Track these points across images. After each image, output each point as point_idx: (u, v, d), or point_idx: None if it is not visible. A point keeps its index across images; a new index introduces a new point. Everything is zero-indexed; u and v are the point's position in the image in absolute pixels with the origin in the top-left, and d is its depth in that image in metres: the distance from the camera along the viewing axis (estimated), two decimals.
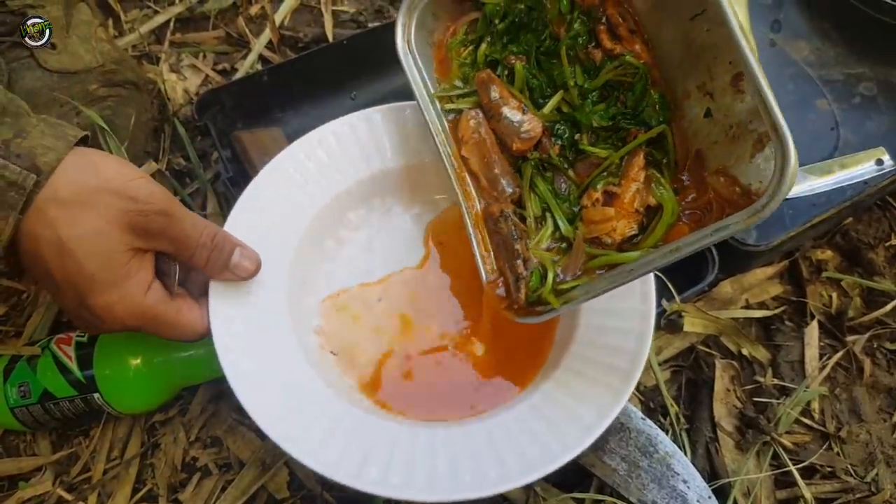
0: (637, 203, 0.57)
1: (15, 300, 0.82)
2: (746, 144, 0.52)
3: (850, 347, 0.83)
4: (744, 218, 0.48)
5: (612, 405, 0.58)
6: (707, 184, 0.55)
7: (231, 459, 0.73)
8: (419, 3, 0.68)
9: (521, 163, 0.65)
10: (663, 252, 0.53)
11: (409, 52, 0.69)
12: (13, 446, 0.74)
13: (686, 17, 0.54)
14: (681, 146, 0.58)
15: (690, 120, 0.57)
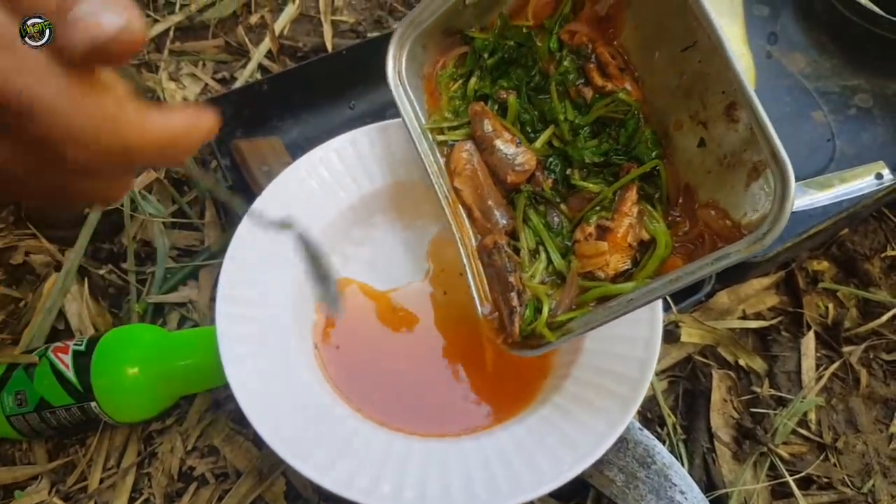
0: (630, 238, 0.57)
1: (12, 307, 0.82)
2: (741, 174, 0.52)
3: (846, 358, 0.83)
4: (745, 246, 0.48)
5: (622, 414, 0.58)
6: (697, 217, 0.56)
7: (228, 469, 0.73)
8: (410, 34, 0.68)
9: (514, 195, 0.65)
10: (664, 282, 0.53)
11: (400, 83, 0.69)
12: (9, 455, 0.74)
13: (677, 49, 0.55)
14: (672, 180, 0.58)
15: (684, 150, 0.57)
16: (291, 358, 0.65)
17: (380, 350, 0.69)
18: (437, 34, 0.68)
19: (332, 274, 0.56)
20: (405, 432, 0.63)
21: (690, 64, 0.54)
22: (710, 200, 0.55)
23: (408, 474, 0.58)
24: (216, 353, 0.61)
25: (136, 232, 0.85)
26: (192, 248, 0.86)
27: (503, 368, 0.66)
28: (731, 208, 0.53)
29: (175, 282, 0.82)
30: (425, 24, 0.66)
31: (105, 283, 0.84)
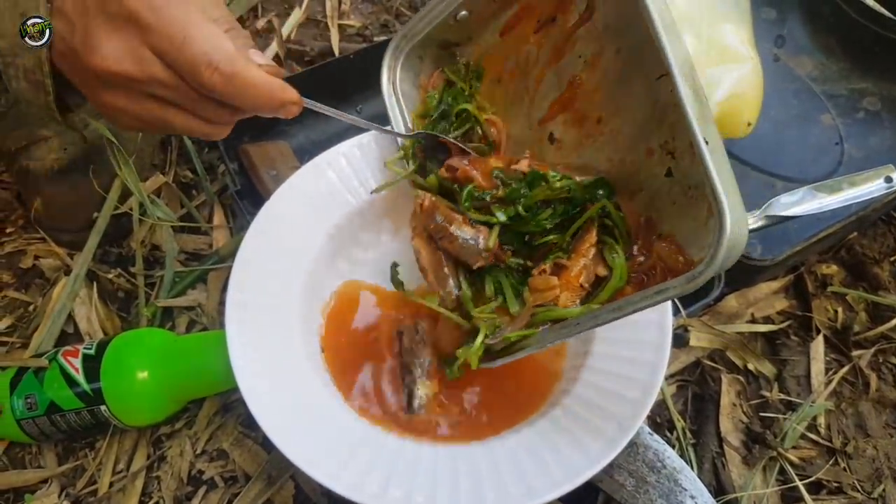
0: (583, 278, 0.58)
1: (21, 311, 0.83)
2: (703, 207, 0.52)
3: (855, 362, 0.83)
4: (682, 283, 0.48)
5: (633, 418, 0.58)
6: (654, 250, 0.56)
7: (237, 472, 0.73)
8: (404, 46, 0.68)
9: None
10: (608, 309, 0.54)
11: (394, 93, 0.70)
12: (19, 458, 0.74)
13: (653, 76, 0.55)
14: (632, 215, 0.58)
15: (653, 177, 0.56)
16: (300, 362, 0.65)
17: (388, 354, 0.69)
18: (432, 46, 0.69)
19: None
20: (414, 438, 0.63)
21: (663, 92, 0.54)
22: (669, 233, 0.55)
23: (417, 479, 0.58)
24: (225, 356, 0.61)
25: (145, 236, 0.85)
26: (201, 251, 0.86)
27: (515, 372, 0.66)
28: (689, 244, 0.53)
29: (184, 285, 0.82)
30: (419, 36, 0.68)
31: (114, 287, 0.84)
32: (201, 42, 0.46)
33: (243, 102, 0.49)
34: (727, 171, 0.47)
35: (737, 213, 0.45)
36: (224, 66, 0.46)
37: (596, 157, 0.60)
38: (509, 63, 0.67)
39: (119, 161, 0.82)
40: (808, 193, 0.78)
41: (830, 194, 0.76)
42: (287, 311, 0.66)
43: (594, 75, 0.60)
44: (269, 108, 0.50)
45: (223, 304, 0.78)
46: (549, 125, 0.64)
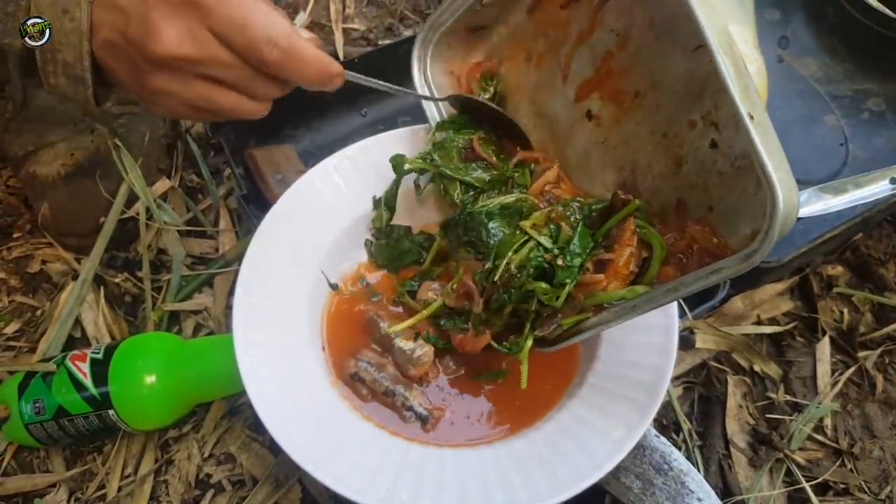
0: (632, 265, 0.58)
1: (29, 316, 0.83)
2: (751, 178, 0.52)
3: (861, 363, 0.83)
4: (737, 262, 0.48)
5: (639, 420, 0.58)
6: (687, 232, 0.56)
7: (245, 476, 0.73)
8: (432, 36, 0.69)
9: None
10: (662, 290, 0.54)
11: (426, 83, 0.70)
12: (27, 463, 0.75)
13: (689, 48, 0.55)
14: (669, 195, 0.58)
15: (696, 150, 0.56)
16: (307, 365, 0.65)
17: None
18: (460, 32, 0.69)
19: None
20: (420, 441, 0.63)
21: (702, 62, 0.54)
22: (703, 216, 0.55)
23: (425, 482, 0.58)
24: (232, 360, 0.61)
25: (152, 240, 0.86)
26: (207, 255, 0.87)
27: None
28: (738, 216, 0.53)
29: (190, 289, 0.83)
30: (446, 24, 0.68)
31: (121, 291, 0.84)
32: (260, 21, 0.48)
33: (299, 75, 0.52)
34: (774, 143, 0.46)
35: (787, 186, 0.45)
36: (283, 41, 0.49)
37: (637, 132, 0.60)
38: (539, 42, 0.66)
39: (125, 166, 0.82)
40: (814, 195, 0.78)
41: (836, 196, 0.77)
42: (294, 315, 0.67)
43: (627, 49, 0.59)
44: (319, 80, 0.53)
45: (230, 307, 0.79)
46: (585, 102, 0.64)
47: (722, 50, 0.46)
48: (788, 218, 0.45)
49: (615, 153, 0.62)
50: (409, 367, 0.65)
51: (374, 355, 0.66)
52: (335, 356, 0.68)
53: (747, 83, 0.47)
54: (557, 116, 0.67)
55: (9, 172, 0.91)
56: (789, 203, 0.44)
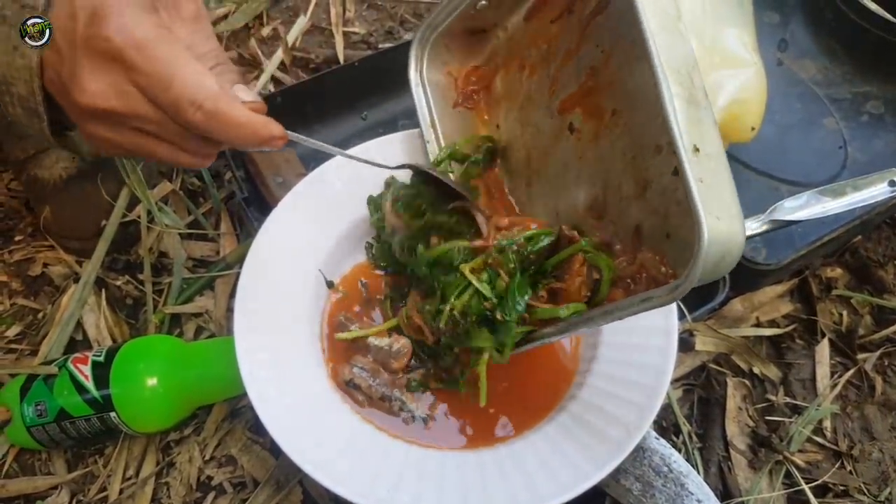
0: (584, 291, 0.58)
1: (30, 319, 0.83)
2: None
3: (860, 365, 0.83)
4: (666, 293, 0.48)
5: (639, 422, 0.59)
6: (637, 260, 0.56)
7: (245, 478, 0.73)
8: (429, 36, 0.69)
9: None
10: (599, 312, 0.54)
11: (421, 83, 0.71)
12: (29, 465, 0.75)
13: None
14: (622, 226, 0.59)
15: (661, 174, 0.56)
16: (308, 368, 0.66)
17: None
18: (459, 34, 0.69)
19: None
20: (420, 444, 0.63)
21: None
22: (659, 244, 0.55)
23: (425, 484, 0.59)
24: (233, 363, 0.62)
25: (153, 243, 0.86)
26: (208, 258, 0.87)
27: (524, 379, 0.66)
28: (680, 252, 0.53)
29: (191, 292, 0.83)
30: (442, 25, 0.68)
31: (122, 294, 0.84)
32: (185, 81, 0.47)
33: (227, 139, 0.51)
34: (718, 177, 0.46)
35: (720, 224, 0.44)
36: (207, 104, 0.48)
37: (611, 151, 0.60)
38: (532, 52, 0.67)
39: (127, 169, 0.82)
40: (813, 198, 0.78)
41: (835, 198, 0.77)
42: (295, 318, 0.67)
43: (609, 67, 0.59)
44: (252, 144, 0.52)
45: (231, 310, 0.79)
46: (568, 116, 0.64)
47: (673, 78, 0.46)
48: (717, 255, 0.44)
49: (591, 169, 0.62)
50: (391, 362, 0.66)
51: (367, 361, 0.67)
52: (332, 361, 0.68)
53: (701, 116, 0.47)
54: (542, 127, 0.67)
55: (10, 176, 0.91)
56: (718, 240, 0.44)
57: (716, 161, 0.46)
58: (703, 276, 0.45)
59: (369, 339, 0.67)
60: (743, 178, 0.91)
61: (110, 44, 0.46)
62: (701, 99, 0.47)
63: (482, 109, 0.74)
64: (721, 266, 0.46)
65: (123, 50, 0.46)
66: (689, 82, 0.47)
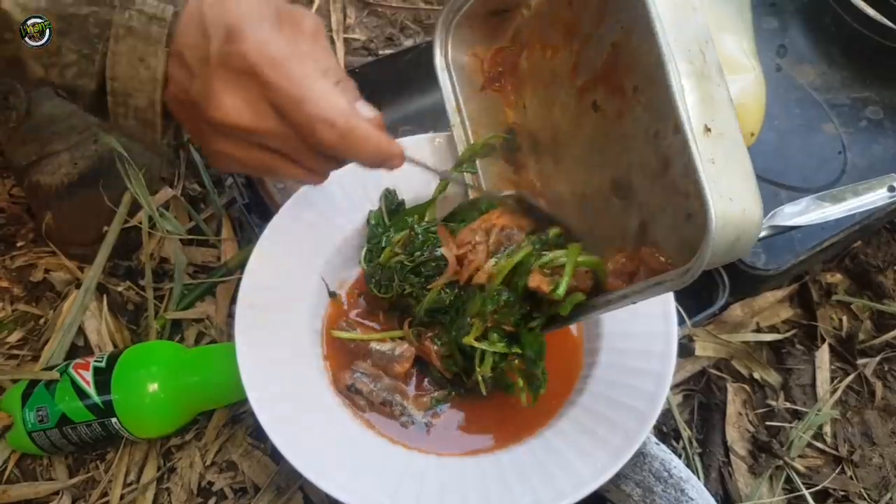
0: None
1: (32, 325, 0.83)
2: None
3: (860, 371, 0.83)
4: (677, 276, 0.48)
5: (639, 428, 0.59)
6: (639, 255, 0.56)
7: (246, 483, 0.73)
8: (451, 18, 0.69)
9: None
10: (606, 299, 0.55)
11: (446, 66, 0.70)
12: (30, 471, 0.75)
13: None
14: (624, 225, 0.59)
15: (681, 152, 0.56)
16: (309, 373, 0.66)
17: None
18: (481, 15, 0.69)
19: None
20: (421, 450, 0.63)
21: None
22: (655, 240, 0.55)
23: (426, 490, 0.59)
24: (234, 369, 0.62)
25: (154, 249, 0.86)
26: (209, 264, 0.87)
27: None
28: (695, 232, 0.53)
29: (192, 298, 0.83)
30: (465, 7, 0.68)
31: (123, 300, 0.85)
32: (318, 99, 0.48)
33: (354, 156, 0.52)
34: (729, 157, 0.45)
35: (731, 206, 0.43)
36: (340, 123, 0.48)
37: (635, 128, 0.59)
38: (555, 30, 0.66)
39: (129, 175, 0.83)
40: (812, 203, 0.78)
41: (834, 204, 0.77)
42: (295, 324, 0.67)
43: (630, 43, 0.58)
44: (376, 162, 0.53)
45: (232, 316, 0.80)
46: (592, 94, 0.63)
47: (681, 55, 0.45)
48: (730, 237, 0.44)
49: (615, 147, 0.62)
50: (393, 366, 0.66)
51: (368, 366, 0.67)
52: (333, 366, 0.68)
53: (713, 93, 0.46)
54: (567, 105, 0.66)
55: (12, 182, 0.91)
56: (731, 222, 0.43)
57: (729, 140, 0.45)
58: (716, 259, 0.45)
59: (370, 346, 0.67)
60: None
61: (246, 61, 0.47)
62: (714, 75, 0.46)
63: (508, 92, 0.73)
64: (737, 248, 0.45)
65: (259, 66, 0.47)
66: (700, 59, 0.46)
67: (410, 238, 0.69)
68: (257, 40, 0.47)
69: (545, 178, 0.71)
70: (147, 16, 0.49)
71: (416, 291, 0.66)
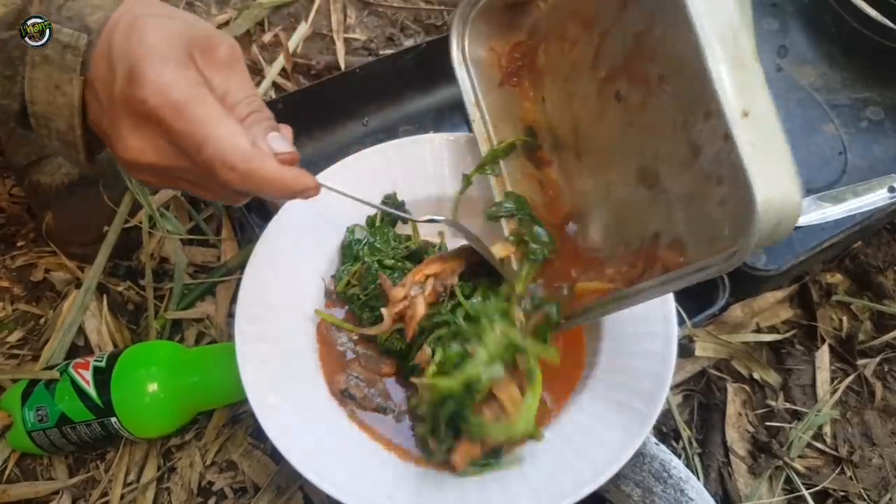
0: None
1: (32, 324, 0.84)
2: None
3: (860, 371, 0.83)
4: (723, 261, 0.48)
5: (639, 428, 0.59)
6: (658, 258, 0.57)
7: (246, 483, 0.73)
8: (468, 12, 0.68)
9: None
10: (658, 282, 0.55)
11: (463, 60, 0.70)
12: (30, 470, 0.75)
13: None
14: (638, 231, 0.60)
15: (712, 140, 0.55)
16: (308, 374, 0.66)
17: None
18: (498, 9, 0.69)
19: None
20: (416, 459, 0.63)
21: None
22: (676, 240, 0.56)
23: (425, 491, 0.59)
24: (234, 369, 0.62)
25: (154, 249, 0.86)
26: (209, 264, 0.87)
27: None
28: (731, 219, 0.52)
29: (192, 298, 0.83)
30: (482, 1, 0.68)
31: (123, 300, 0.85)
32: (218, 142, 0.47)
33: (260, 194, 0.53)
34: (769, 140, 0.45)
35: (773, 189, 0.43)
36: (240, 165, 0.48)
37: (660, 118, 0.59)
38: (575, 21, 0.65)
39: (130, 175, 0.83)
40: (813, 203, 0.78)
41: (834, 204, 0.77)
42: (296, 324, 0.67)
43: (653, 32, 0.58)
44: (286, 197, 0.54)
45: (232, 316, 0.80)
46: (615, 84, 0.63)
47: (717, 42, 0.45)
48: (773, 220, 0.44)
49: (640, 137, 0.61)
50: (381, 366, 0.66)
51: (362, 370, 0.67)
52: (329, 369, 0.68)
53: (749, 78, 0.46)
54: (588, 97, 0.66)
55: (12, 181, 0.91)
56: (773, 205, 0.43)
57: (768, 123, 0.45)
58: (760, 242, 0.45)
59: (357, 347, 0.68)
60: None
61: (146, 105, 0.47)
62: (748, 61, 0.46)
63: (527, 87, 0.73)
64: (778, 231, 0.45)
65: (159, 111, 0.47)
66: (733, 45, 0.46)
67: (362, 272, 0.69)
68: (158, 84, 0.47)
69: (567, 174, 0.71)
70: (61, 44, 0.50)
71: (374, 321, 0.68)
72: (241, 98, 0.51)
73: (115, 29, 0.49)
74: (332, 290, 0.71)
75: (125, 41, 0.48)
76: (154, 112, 0.47)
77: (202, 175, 0.50)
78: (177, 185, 0.54)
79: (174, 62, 0.48)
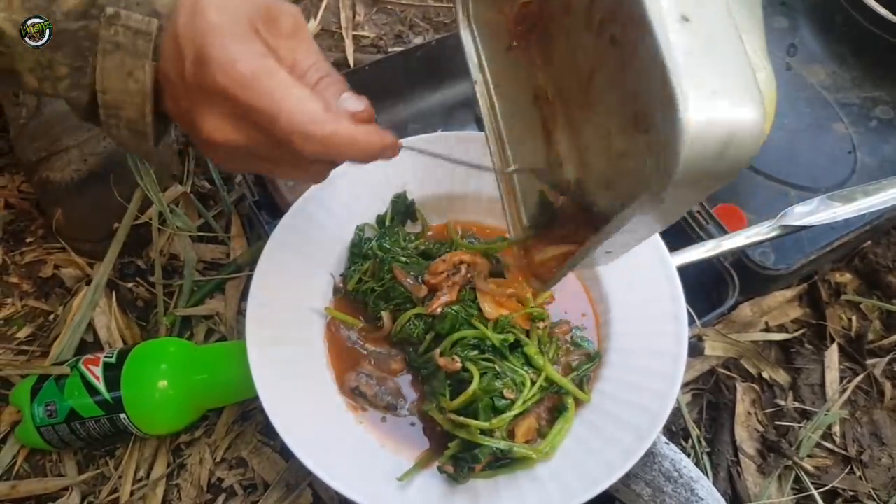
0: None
1: (42, 321, 0.84)
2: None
3: (870, 371, 0.83)
4: (648, 201, 0.42)
5: (650, 427, 0.59)
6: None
7: (256, 480, 0.73)
8: None
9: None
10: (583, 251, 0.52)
11: (468, 24, 0.69)
12: (39, 466, 0.75)
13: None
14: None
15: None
16: (318, 372, 0.66)
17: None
18: None
19: None
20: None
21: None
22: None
23: (434, 488, 0.59)
24: (244, 366, 0.62)
25: (164, 246, 0.86)
26: (219, 261, 0.87)
27: None
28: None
29: (202, 295, 0.83)
30: None
31: (133, 297, 0.85)
32: (291, 112, 0.46)
33: (342, 159, 0.51)
34: (720, 47, 0.37)
35: (715, 100, 0.35)
36: (316, 131, 0.47)
37: (652, 60, 0.57)
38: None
39: (140, 171, 0.83)
40: (823, 203, 0.78)
41: (844, 203, 0.77)
42: (306, 322, 0.67)
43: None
44: (367, 159, 0.51)
45: (241, 312, 0.80)
46: (609, 28, 0.59)
47: None
48: (718, 139, 0.35)
49: (635, 80, 0.57)
50: (389, 363, 0.67)
51: (373, 368, 0.67)
52: (339, 367, 0.68)
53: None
54: (587, 47, 0.65)
55: (22, 178, 0.92)
56: (715, 119, 0.35)
57: (715, 33, 0.38)
58: (704, 165, 0.36)
59: (367, 344, 0.68)
60: (752, 183, 0.91)
61: (216, 84, 0.47)
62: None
63: (535, 52, 0.72)
64: (728, 155, 0.36)
65: (229, 88, 0.46)
66: None
67: (375, 267, 0.69)
68: (225, 61, 0.46)
69: (575, 133, 0.68)
70: (132, 31, 0.49)
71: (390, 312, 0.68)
72: (309, 65, 0.51)
73: (180, 11, 0.48)
74: (341, 287, 0.71)
75: (189, 23, 0.47)
76: (224, 89, 0.47)
77: (281, 150, 0.49)
78: (255, 166, 0.54)
79: (239, 37, 0.47)
